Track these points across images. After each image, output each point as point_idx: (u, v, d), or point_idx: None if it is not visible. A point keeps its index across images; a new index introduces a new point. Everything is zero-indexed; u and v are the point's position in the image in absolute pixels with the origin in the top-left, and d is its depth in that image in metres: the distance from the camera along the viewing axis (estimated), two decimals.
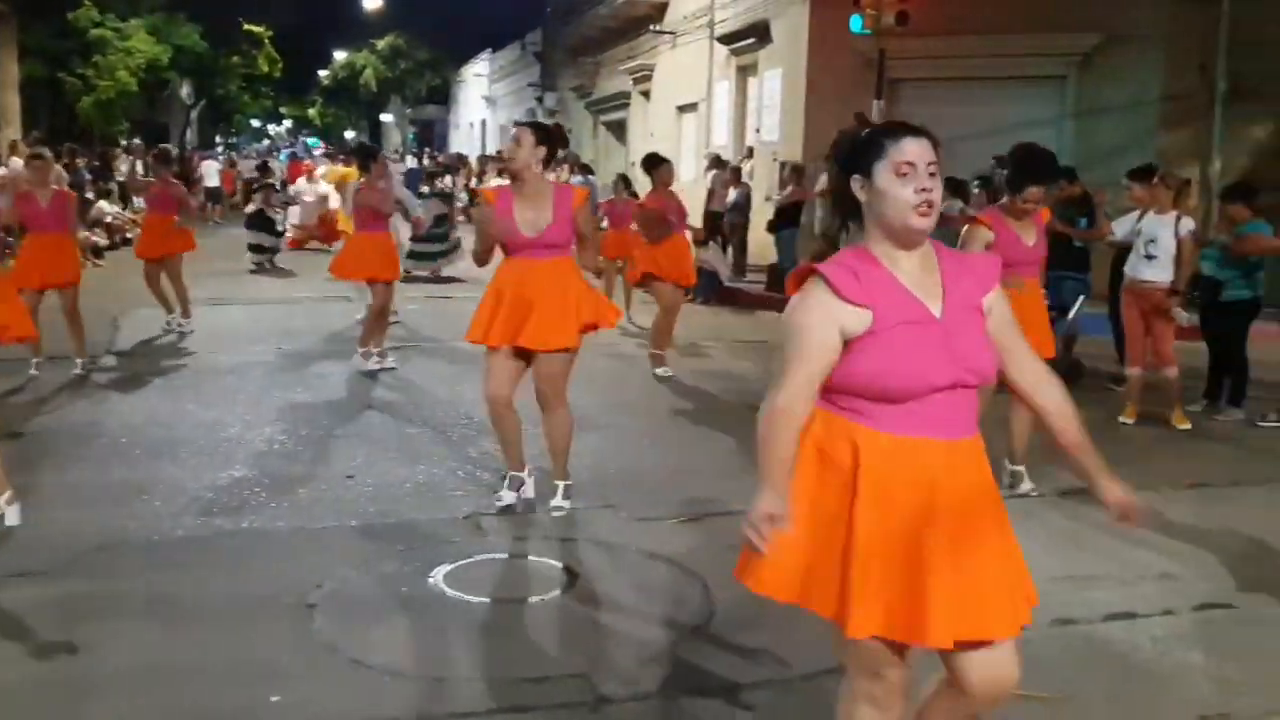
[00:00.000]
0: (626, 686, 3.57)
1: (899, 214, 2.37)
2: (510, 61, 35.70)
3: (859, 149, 2.45)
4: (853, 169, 2.45)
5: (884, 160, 2.39)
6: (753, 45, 17.47)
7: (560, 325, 5.12)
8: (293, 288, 14.44)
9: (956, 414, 2.43)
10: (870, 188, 2.41)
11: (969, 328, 2.45)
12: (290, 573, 4.51)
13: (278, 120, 75.90)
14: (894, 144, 2.39)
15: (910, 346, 2.36)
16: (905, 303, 2.39)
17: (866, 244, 2.46)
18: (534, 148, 5.13)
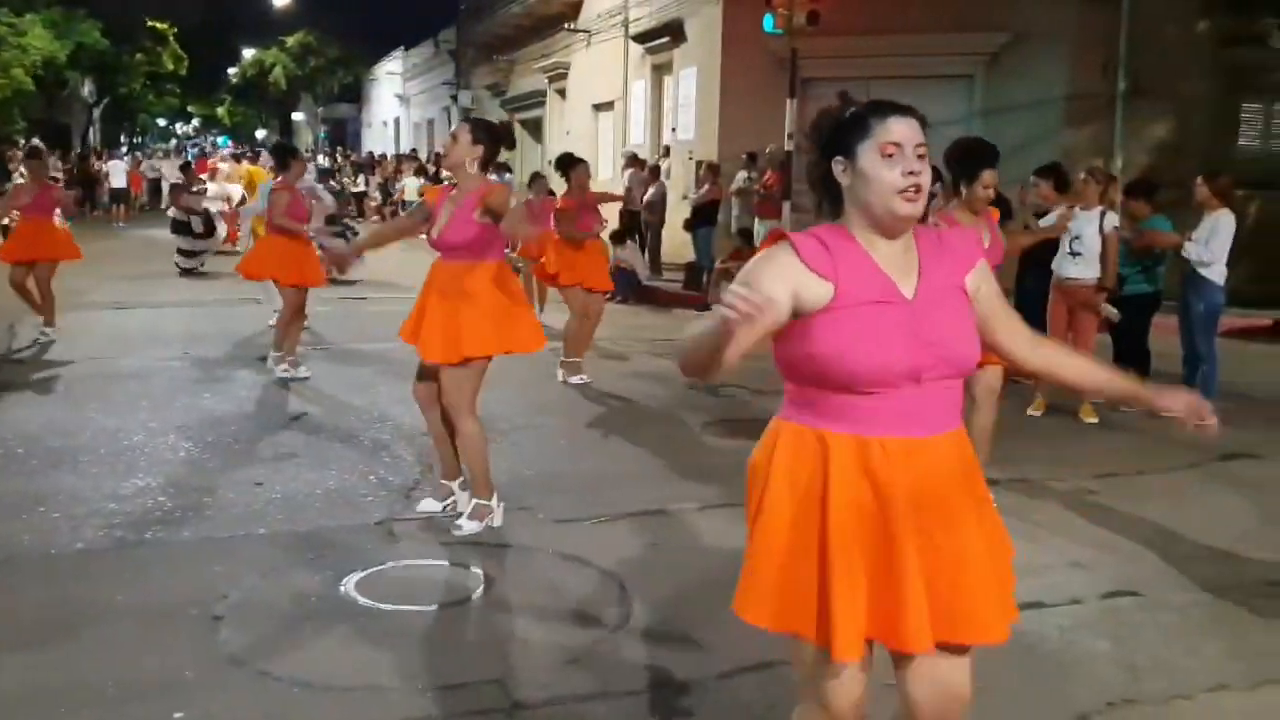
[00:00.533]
0: (542, 691, 3.52)
1: (883, 198, 2.22)
2: (424, 59, 35.33)
3: (842, 129, 2.29)
4: (834, 150, 2.30)
5: (869, 140, 2.24)
6: (667, 44, 17.51)
7: (443, 338, 4.84)
8: (200, 290, 14.09)
9: (931, 408, 2.27)
10: (853, 170, 2.26)
11: (946, 310, 2.29)
12: (195, 584, 4.37)
13: (185, 119, 74.17)
14: (880, 123, 2.24)
15: (871, 328, 2.20)
16: (872, 281, 2.24)
17: (842, 222, 2.32)
18: (470, 146, 4.91)
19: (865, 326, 2.20)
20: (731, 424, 7.29)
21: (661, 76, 18.43)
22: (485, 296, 4.89)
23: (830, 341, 2.21)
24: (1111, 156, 14.70)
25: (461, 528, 4.98)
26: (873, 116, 2.26)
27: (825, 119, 2.36)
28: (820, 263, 2.24)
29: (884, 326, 2.21)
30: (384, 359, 8.96)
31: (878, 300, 2.23)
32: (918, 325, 2.23)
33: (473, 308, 4.85)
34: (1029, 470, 6.34)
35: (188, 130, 78.82)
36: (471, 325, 4.83)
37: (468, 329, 4.82)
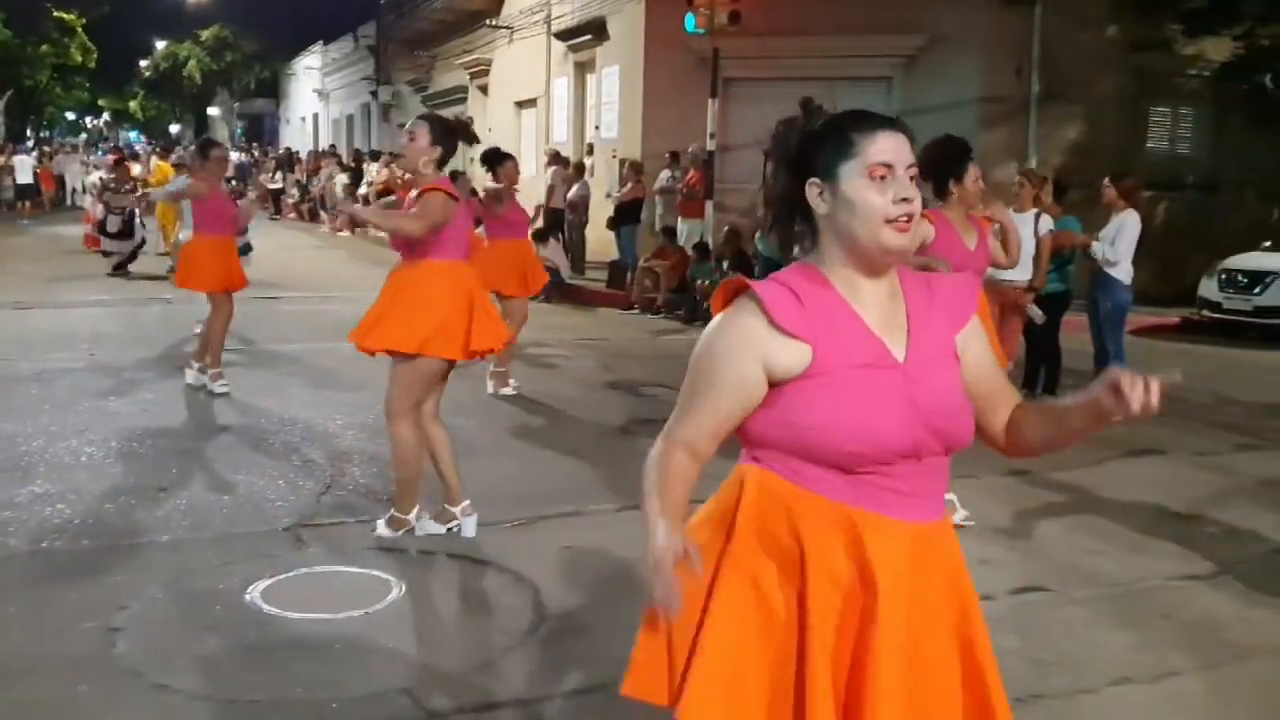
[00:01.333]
0: (453, 699, 3.45)
1: (871, 229, 1.87)
2: (343, 55, 34.80)
3: (818, 144, 1.93)
4: (807, 170, 1.93)
5: (854, 160, 1.89)
6: (590, 42, 17.46)
7: (372, 324, 4.71)
8: (107, 290, 13.69)
9: (922, 488, 1.93)
10: (833, 196, 1.90)
11: (938, 376, 1.94)
12: (93, 595, 4.22)
13: (96, 113, 72.23)
14: (868, 140, 1.89)
15: (861, 397, 1.86)
16: (859, 340, 1.89)
17: (819, 264, 1.95)
18: (428, 146, 4.67)
19: (853, 396, 1.86)
20: (652, 424, 7.23)
21: (584, 74, 18.37)
22: (426, 292, 4.65)
23: (812, 413, 1.87)
24: (1025, 158, 14.99)
25: (377, 530, 4.87)
26: (856, 130, 1.91)
27: (792, 130, 2.00)
28: (792, 320, 1.88)
29: (879, 396, 1.87)
30: (295, 360, 8.79)
31: (866, 364, 1.89)
32: (914, 393, 1.89)
33: (407, 301, 4.65)
34: None
35: (99, 125, 76.77)
36: (402, 319, 4.62)
37: (396, 320, 4.63)
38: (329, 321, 11.32)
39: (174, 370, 8.62)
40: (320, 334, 10.40)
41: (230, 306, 7.99)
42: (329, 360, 9.27)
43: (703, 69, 13.73)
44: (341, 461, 6.17)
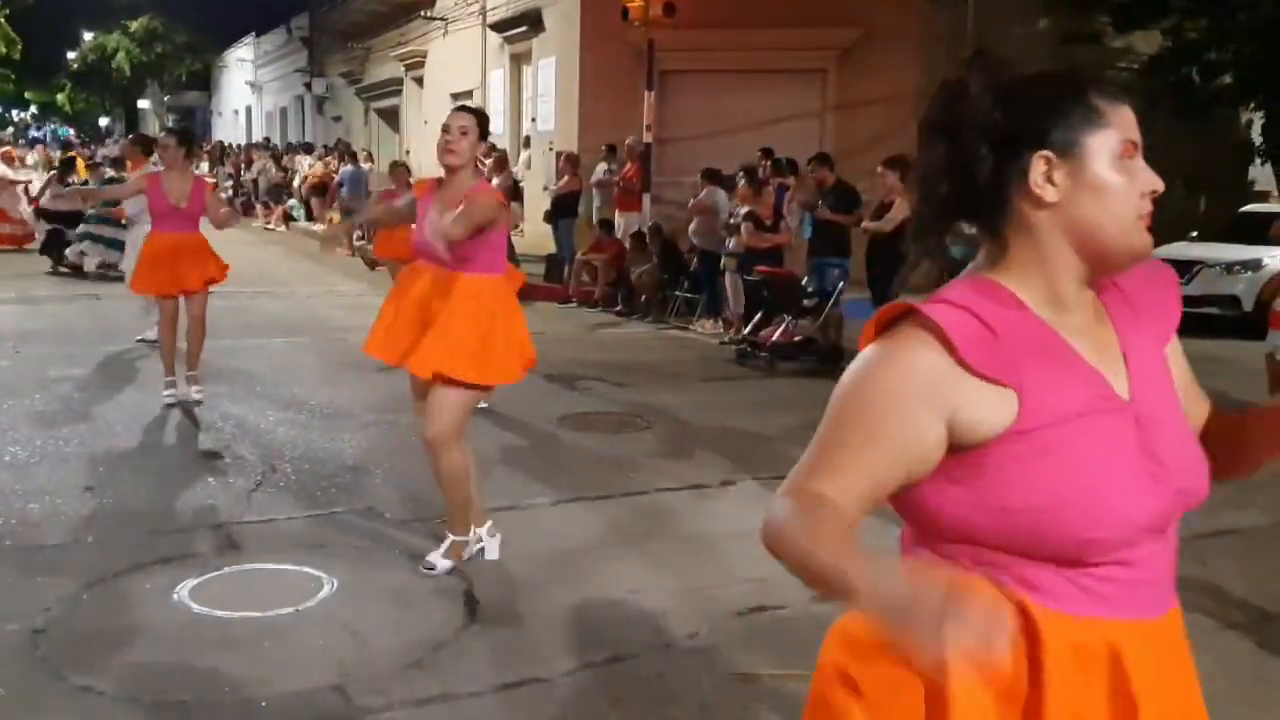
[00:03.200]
0: (382, 696, 3.42)
1: (1124, 227, 1.38)
2: (276, 46, 34.30)
3: (1047, 107, 1.39)
4: (1029, 141, 1.38)
5: (1104, 132, 1.39)
6: (525, 34, 17.38)
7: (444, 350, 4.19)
8: (31, 286, 13.37)
9: (1167, 571, 1.44)
10: (1074, 178, 1.38)
11: (1170, 413, 1.45)
12: (15, 597, 4.12)
13: (22, 106, 70.45)
14: (1115, 108, 1.40)
15: (1094, 459, 1.34)
16: (1077, 379, 1.38)
17: (1002, 276, 1.43)
18: (478, 141, 4.29)
19: (1083, 459, 1.34)
20: (587, 418, 7.27)
21: (520, 66, 18.29)
22: (485, 315, 4.26)
23: (1030, 490, 1.33)
24: None
25: (434, 567, 4.39)
26: (1099, 94, 1.40)
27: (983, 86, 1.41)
28: (990, 359, 1.34)
29: (1111, 455, 1.36)
30: (228, 355, 8.65)
31: (1090, 410, 1.37)
32: (1152, 442, 1.39)
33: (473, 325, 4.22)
34: None
35: (25, 118, 74.90)
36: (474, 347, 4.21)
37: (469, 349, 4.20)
38: (260, 318, 11.18)
39: (103, 366, 8.45)
40: (252, 330, 10.27)
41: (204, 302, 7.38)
42: (260, 357, 9.16)
43: (639, 61, 13.73)
44: (272, 458, 6.09)
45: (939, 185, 1.44)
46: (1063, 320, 1.41)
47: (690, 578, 4.48)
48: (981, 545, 1.38)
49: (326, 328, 11.00)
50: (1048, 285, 1.41)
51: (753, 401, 8.10)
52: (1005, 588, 1.36)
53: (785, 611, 4.14)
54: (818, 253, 9.76)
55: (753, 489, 5.78)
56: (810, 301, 9.54)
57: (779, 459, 6.36)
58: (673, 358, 10.03)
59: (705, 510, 5.45)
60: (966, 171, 1.41)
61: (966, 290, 1.40)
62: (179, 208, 7.14)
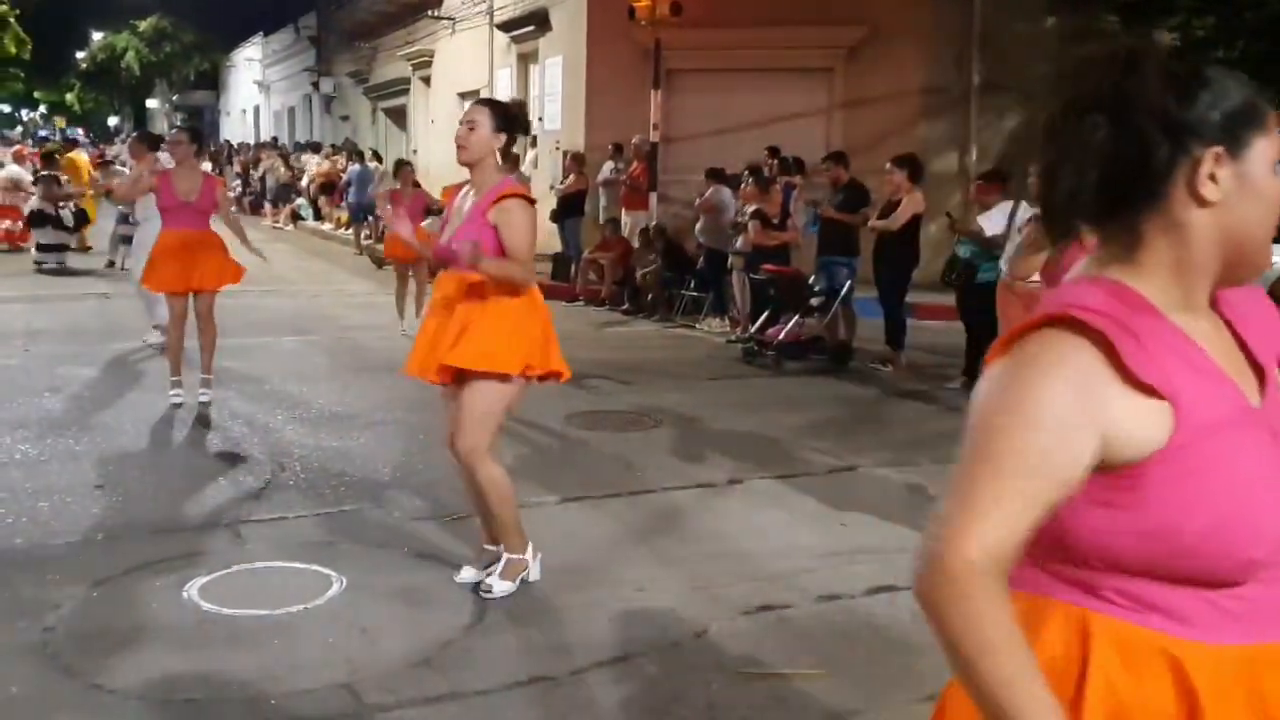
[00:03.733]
0: (392, 694, 3.44)
1: (1267, 237, 1.32)
2: (284, 46, 34.35)
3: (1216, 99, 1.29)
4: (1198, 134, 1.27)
5: (1267, 138, 1.30)
6: (533, 33, 17.37)
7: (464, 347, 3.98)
8: (40, 285, 13.42)
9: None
10: (1239, 178, 1.28)
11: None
12: (26, 595, 4.14)
13: (32, 105, 70.64)
14: (1270, 113, 1.32)
15: (1252, 470, 1.26)
16: (1218, 389, 1.29)
17: (1126, 277, 1.33)
18: (493, 134, 4.05)
19: (1237, 474, 1.25)
20: (594, 416, 7.28)
21: (527, 65, 18.29)
22: (514, 309, 4.04)
23: (1193, 511, 1.24)
24: (966, 148, 15.19)
25: (492, 589, 4.16)
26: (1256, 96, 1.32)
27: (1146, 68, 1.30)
28: (1148, 367, 1.25)
29: (1261, 468, 1.27)
30: (237, 354, 8.67)
31: (1234, 421, 1.28)
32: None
33: (502, 319, 4.00)
34: (882, 455, 6.50)
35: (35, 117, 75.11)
36: (506, 337, 4.00)
37: (502, 341, 3.99)
38: (269, 316, 11.21)
39: (112, 364, 8.49)
40: (260, 329, 10.29)
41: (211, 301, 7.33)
42: (269, 356, 9.19)
43: (645, 60, 13.72)
44: (281, 457, 6.11)
45: (1087, 170, 1.31)
46: (1193, 326, 1.32)
47: (697, 576, 4.48)
48: (1124, 570, 1.27)
49: (335, 326, 11.04)
50: (1183, 289, 1.32)
51: (760, 400, 8.11)
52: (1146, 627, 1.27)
53: (792, 610, 4.15)
54: (825, 251, 9.75)
55: (760, 487, 5.78)
56: (817, 300, 9.54)
57: (786, 458, 6.37)
58: (679, 356, 10.04)
59: (713, 509, 5.46)
60: (1126, 157, 1.29)
61: (1097, 293, 1.29)
62: (189, 203, 7.09)
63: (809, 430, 7.08)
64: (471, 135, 4.04)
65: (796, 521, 5.24)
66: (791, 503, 5.53)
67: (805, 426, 7.17)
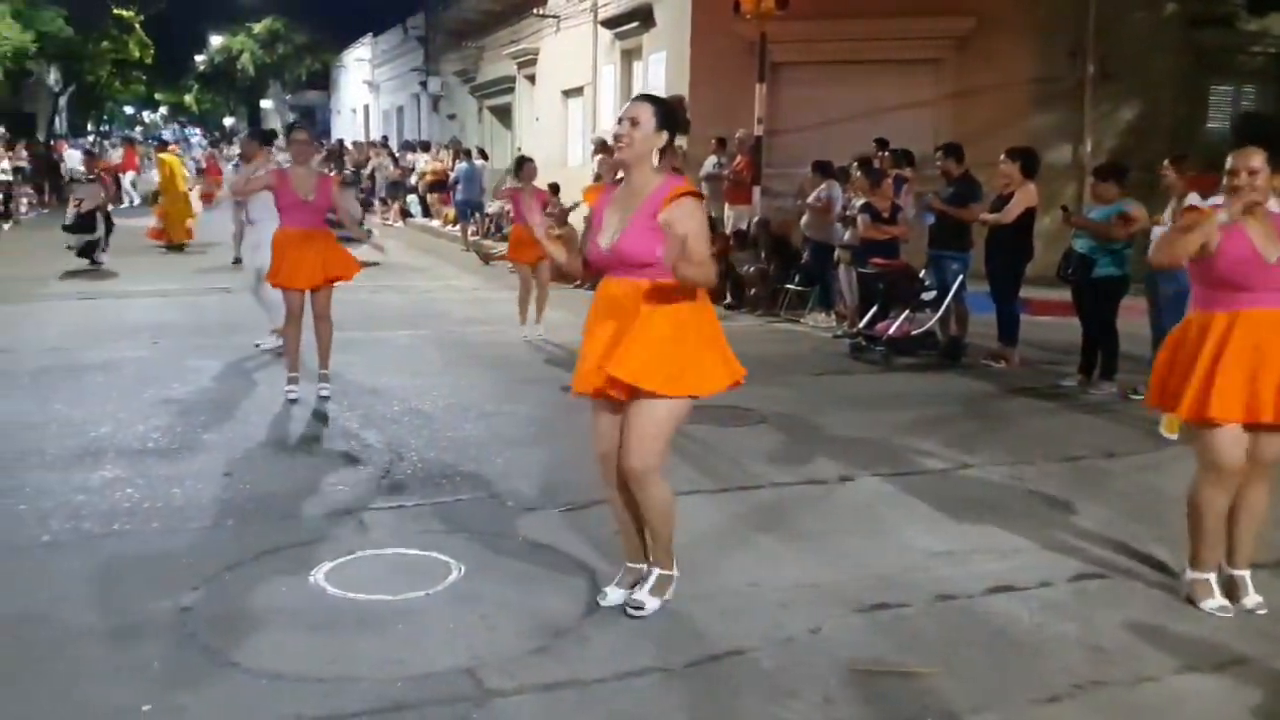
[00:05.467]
0: (512, 679, 3.51)
1: None
2: (393, 46, 35.03)
3: None
4: None
5: None
6: (636, 29, 17.44)
7: (651, 366, 3.74)
8: (167, 280, 13.96)
9: None
10: None
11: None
12: (163, 576, 4.33)
13: (153, 107, 73.37)
14: None
15: None
16: None
17: None
18: (654, 133, 3.81)
19: None
20: (699, 410, 7.23)
21: (631, 61, 18.35)
22: (692, 318, 3.83)
23: None
24: (1080, 140, 14.80)
25: (644, 606, 4.00)
26: None
27: None
28: None
29: None
30: (353, 348, 8.90)
31: None
32: None
33: (683, 330, 3.79)
34: (996, 453, 6.39)
35: (155, 118, 77.97)
36: (692, 352, 3.81)
37: (689, 359, 3.80)
38: (383, 311, 11.48)
39: (235, 357, 8.79)
40: (374, 323, 10.55)
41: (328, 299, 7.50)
42: (384, 349, 9.42)
43: (750, 54, 13.67)
44: (399, 447, 6.27)
45: None
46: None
47: (810, 573, 4.48)
48: None
49: (446, 321, 11.26)
50: None
51: (868, 396, 8.03)
52: None
53: (908, 609, 4.12)
54: (937, 245, 9.60)
55: (871, 485, 5.74)
56: (929, 295, 9.40)
57: (896, 455, 6.31)
58: (785, 351, 9.99)
59: (822, 506, 5.43)
60: None
61: None
62: (307, 202, 7.23)
63: (920, 427, 6.99)
64: (634, 132, 3.78)
65: (910, 520, 5.19)
66: (904, 501, 5.47)
67: (916, 423, 7.09)
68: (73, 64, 36.44)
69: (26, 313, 11.07)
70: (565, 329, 9.72)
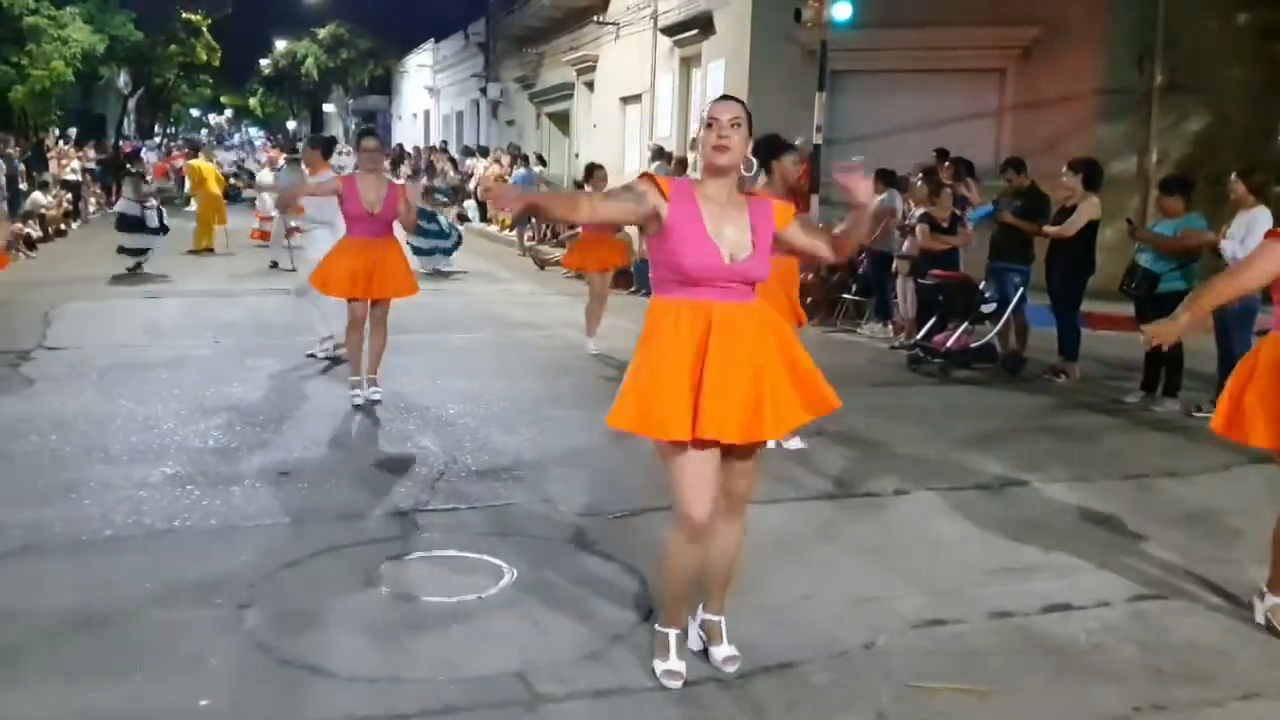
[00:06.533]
0: (563, 685, 3.52)
1: None
2: (454, 52, 35.37)
3: None
4: None
5: None
6: (696, 36, 17.44)
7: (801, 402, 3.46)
8: (230, 280, 14.19)
9: None
10: None
11: None
12: (221, 572, 4.40)
13: (218, 110, 74.70)
14: None
15: None
16: None
17: None
18: (747, 139, 3.41)
19: None
20: None
21: (689, 69, 18.35)
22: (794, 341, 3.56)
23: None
24: (1146, 152, 14.54)
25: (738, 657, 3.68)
26: None
27: None
28: None
29: None
30: (410, 350, 8.99)
31: None
32: None
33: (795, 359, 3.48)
34: (1055, 470, 6.29)
35: (220, 121, 79.39)
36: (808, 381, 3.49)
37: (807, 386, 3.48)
38: (439, 314, 11.57)
39: (295, 357, 8.91)
40: (431, 326, 10.64)
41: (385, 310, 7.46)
42: (440, 352, 9.50)
43: (810, 61, 13.61)
44: (453, 449, 6.31)
45: None
46: None
47: (864, 587, 4.43)
48: None
49: (502, 324, 11.33)
50: None
51: (925, 409, 7.95)
52: None
53: (965, 626, 4.06)
54: (998, 257, 9.48)
55: (928, 499, 5.67)
56: (988, 307, 9.29)
57: (955, 469, 6.23)
58: (841, 361, 9.90)
59: (878, 519, 5.38)
60: None
61: None
62: (374, 213, 7.10)
63: (978, 442, 6.90)
64: (737, 135, 3.35)
65: (966, 535, 5.12)
66: (960, 516, 5.40)
67: (974, 438, 7.00)
68: (142, 67, 37.18)
69: (95, 311, 11.32)
70: (618, 335, 9.73)
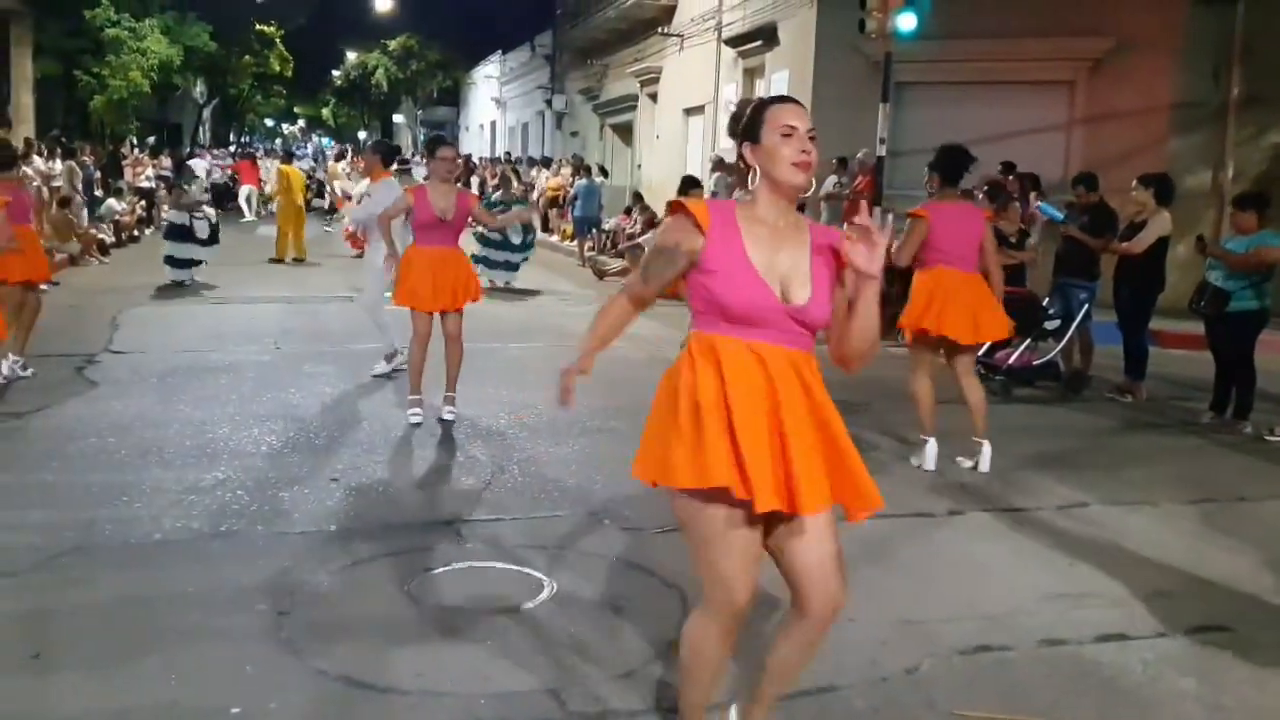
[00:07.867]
0: (595, 704, 3.46)
1: None
2: (520, 64, 35.68)
3: None
4: None
5: None
6: (760, 48, 17.38)
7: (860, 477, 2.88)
8: (292, 287, 14.38)
9: None
10: None
11: None
12: (264, 579, 4.42)
13: (291, 119, 76.13)
14: None
15: None
16: None
17: None
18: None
19: None
20: None
21: (753, 80, 18.29)
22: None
23: None
24: (1221, 167, 14.17)
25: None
26: None
27: None
28: None
29: None
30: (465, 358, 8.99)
31: None
32: None
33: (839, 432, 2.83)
34: (1117, 493, 6.10)
35: (293, 131, 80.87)
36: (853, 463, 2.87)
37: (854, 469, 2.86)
38: (496, 323, 11.59)
39: (352, 365, 8.97)
40: (487, 334, 10.64)
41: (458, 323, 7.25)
42: (495, 360, 9.50)
43: (874, 73, 13.47)
44: (501, 459, 6.30)
45: None
46: None
47: (910, 610, 4.32)
48: None
49: (558, 334, 11.32)
50: None
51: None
52: None
53: (1012, 653, 3.93)
54: (1064, 273, 9.26)
55: (982, 521, 5.53)
56: (1052, 324, 9.08)
57: (1012, 490, 6.07)
58: (899, 376, 9.69)
59: (929, 540, 5.25)
60: None
61: None
62: (444, 221, 6.96)
63: (1038, 462, 6.73)
64: (815, 150, 2.84)
65: (1020, 559, 4.98)
66: (1015, 539, 5.26)
67: (1033, 458, 6.83)
68: (216, 77, 38.06)
69: (162, 314, 11.55)
70: (665, 344, 9.66)
